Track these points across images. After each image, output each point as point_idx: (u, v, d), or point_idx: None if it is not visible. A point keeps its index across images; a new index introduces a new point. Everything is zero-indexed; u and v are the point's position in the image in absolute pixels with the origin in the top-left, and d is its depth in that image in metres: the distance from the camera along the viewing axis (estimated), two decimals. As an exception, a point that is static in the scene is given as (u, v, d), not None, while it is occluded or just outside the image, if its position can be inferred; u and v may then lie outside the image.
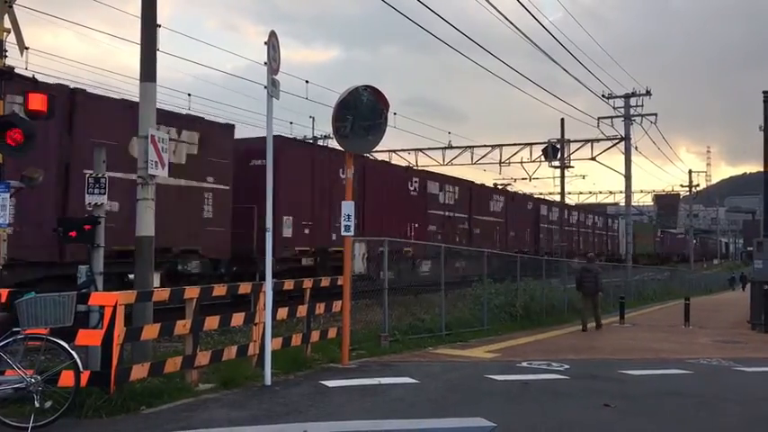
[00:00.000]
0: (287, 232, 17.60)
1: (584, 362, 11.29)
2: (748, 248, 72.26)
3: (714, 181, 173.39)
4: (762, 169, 25.52)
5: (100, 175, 7.95)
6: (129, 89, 53.28)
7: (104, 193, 7.92)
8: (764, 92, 24.20)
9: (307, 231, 18.45)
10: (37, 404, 6.07)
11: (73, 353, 6.38)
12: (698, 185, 69.24)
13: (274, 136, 9.10)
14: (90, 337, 7.00)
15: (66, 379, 6.36)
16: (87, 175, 8.02)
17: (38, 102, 7.96)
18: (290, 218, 17.73)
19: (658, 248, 66.68)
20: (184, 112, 18.00)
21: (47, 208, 11.58)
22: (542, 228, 36.54)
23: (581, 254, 32.06)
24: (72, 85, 13.09)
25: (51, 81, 13.05)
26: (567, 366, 10.38)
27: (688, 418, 7.27)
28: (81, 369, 6.43)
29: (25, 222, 11.11)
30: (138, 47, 9.29)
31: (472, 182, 29.69)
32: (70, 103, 12.34)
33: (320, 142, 44.02)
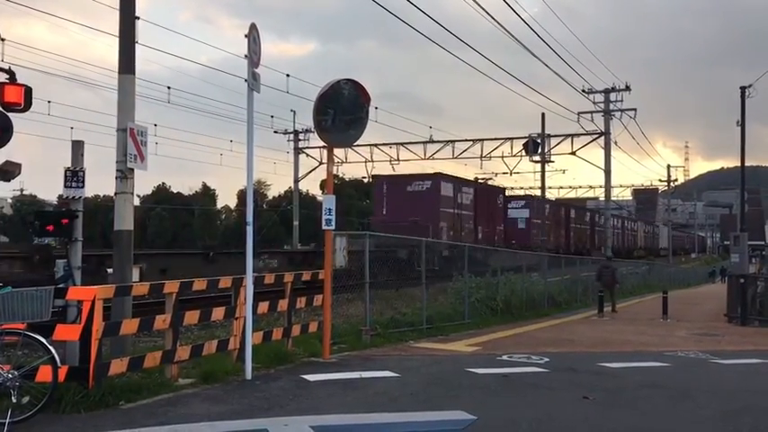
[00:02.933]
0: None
1: (563, 355, 11.38)
2: (725, 242, 73.26)
3: (692, 176, 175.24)
4: (739, 164, 25.88)
5: (77, 169, 7.87)
6: (104, 80, 52.69)
7: (82, 187, 7.84)
8: (742, 87, 24.53)
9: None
10: (14, 399, 6.00)
11: (51, 348, 6.31)
12: (676, 180, 69.78)
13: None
14: (68, 332, 6.93)
15: (44, 374, 6.29)
16: (65, 169, 7.93)
17: (14, 94, 7.85)
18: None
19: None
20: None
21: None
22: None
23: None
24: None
25: (24, 71, 12.88)
26: (546, 359, 10.45)
27: (666, 409, 7.35)
28: (59, 364, 6.36)
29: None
30: (111, 37, 9.22)
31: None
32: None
33: (301, 136, 43.94)
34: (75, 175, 7.84)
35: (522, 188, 53.20)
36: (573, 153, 38.38)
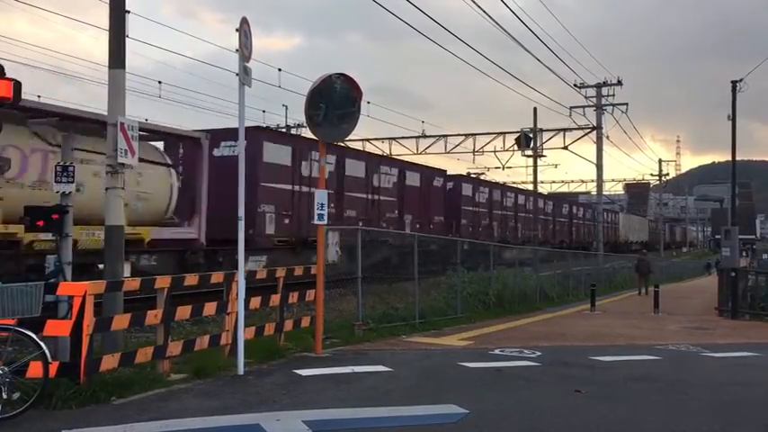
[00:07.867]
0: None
1: (555, 349, 11.41)
2: (716, 236, 73.64)
3: (683, 170, 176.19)
4: (730, 158, 25.97)
5: (68, 164, 7.82)
6: (89, 74, 52.38)
7: (72, 182, 7.79)
8: (733, 81, 24.59)
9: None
10: (5, 395, 5.97)
11: (41, 343, 6.28)
12: (667, 174, 70.09)
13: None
14: (59, 328, 6.89)
15: (35, 370, 6.26)
16: (56, 164, 7.88)
17: (2, 88, 7.76)
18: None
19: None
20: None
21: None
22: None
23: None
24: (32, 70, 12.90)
25: (9, 65, 12.82)
26: (539, 353, 10.48)
27: (658, 402, 7.38)
28: (50, 360, 6.33)
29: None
30: (96, 30, 9.15)
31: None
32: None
33: (293, 131, 43.85)
34: (65, 170, 7.79)
35: (514, 182, 53.23)
36: (565, 147, 38.44)
